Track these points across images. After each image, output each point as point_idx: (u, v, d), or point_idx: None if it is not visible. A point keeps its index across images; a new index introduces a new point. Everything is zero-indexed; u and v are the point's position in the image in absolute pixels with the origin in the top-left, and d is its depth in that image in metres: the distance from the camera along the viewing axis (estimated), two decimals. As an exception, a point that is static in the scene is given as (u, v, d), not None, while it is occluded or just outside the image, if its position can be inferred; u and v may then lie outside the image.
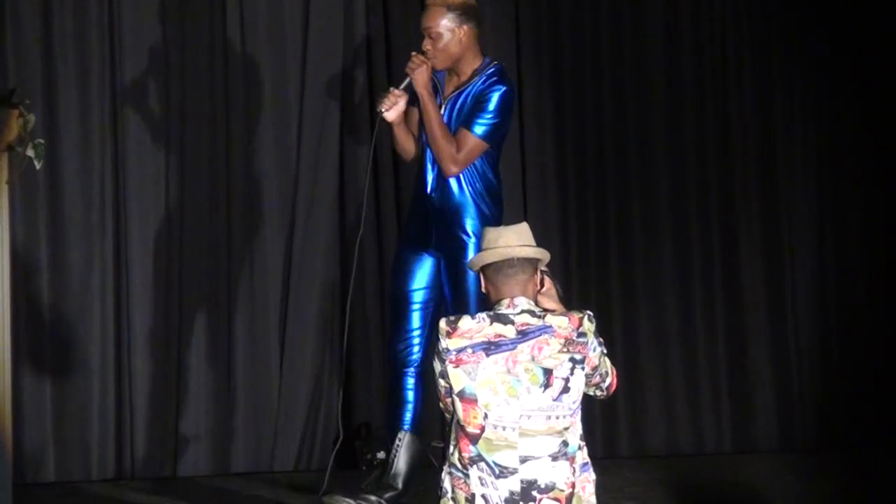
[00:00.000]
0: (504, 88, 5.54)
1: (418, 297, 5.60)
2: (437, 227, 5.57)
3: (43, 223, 6.73)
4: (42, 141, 5.09)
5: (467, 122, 5.51)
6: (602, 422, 7.20)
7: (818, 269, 7.56)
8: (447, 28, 5.49)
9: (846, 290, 7.57)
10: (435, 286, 5.62)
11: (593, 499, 4.13)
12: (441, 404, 4.17)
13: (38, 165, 5.09)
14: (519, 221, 4.31)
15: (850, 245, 7.60)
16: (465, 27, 5.51)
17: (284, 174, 6.93)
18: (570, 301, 6.80)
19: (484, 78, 5.55)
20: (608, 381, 4.21)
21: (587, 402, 6.81)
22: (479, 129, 5.50)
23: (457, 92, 5.57)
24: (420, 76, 5.49)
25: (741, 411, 7.40)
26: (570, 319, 4.06)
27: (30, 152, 5.03)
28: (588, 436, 6.85)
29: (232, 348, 6.89)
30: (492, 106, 5.51)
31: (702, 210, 7.42)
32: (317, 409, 6.89)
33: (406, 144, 5.71)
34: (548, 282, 4.25)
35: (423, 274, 5.63)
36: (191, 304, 6.86)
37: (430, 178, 5.59)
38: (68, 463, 6.68)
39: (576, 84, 7.34)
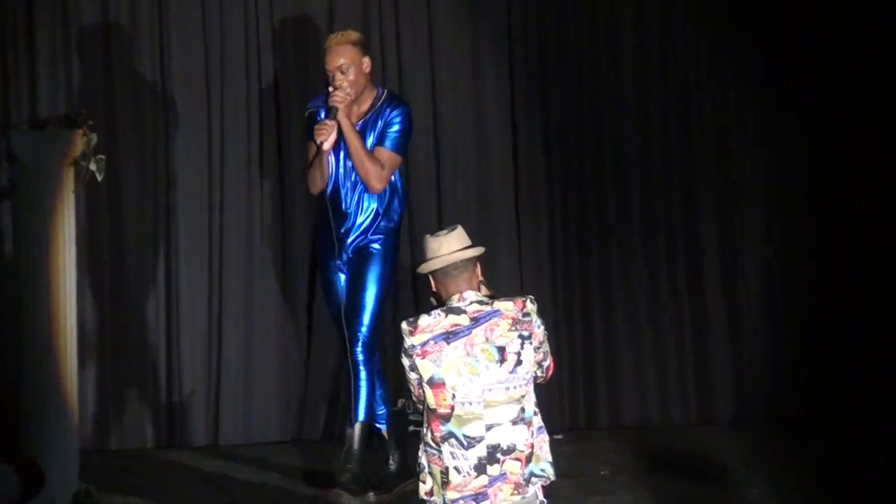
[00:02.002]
0: (407, 108, 5.95)
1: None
2: (350, 242, 5.85)
3: (105, 226, 7.09)
4: (103, 156, 5.47)
5: (384, 142, 5.81)
6: (583, 397, 7.43)
7: (766, 261, 7.64)
8: (354, 62, 5.77)
9: (795, 284, 7.62)
10: None
11: (549, 456, 4.33)
12: (414, 397, 4.38)
13: (99, 178, 5.48)
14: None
15: (796, 234, 7.64)
16: (365, 59, 5.85)
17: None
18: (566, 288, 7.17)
19: (387, 102, 5.87)
20: (548, 361, 4.39)
21: (569, 383, 7.15)
22: (397, 146, 5.85)
23: (363, 120, 5.84)
24: (345, 108, 5.74)
25: (703, 388, 7.54)
26: (514, 303, 4.29)
27: (92, 166, 5.42)
28: (570, 410, 7.35)
29: (267, 333, 7.21)
30: (402, 125, 5.86)
31: (665, 213, 7.58)
32: (339, 386, 7.04)
33: (325, 172, 5.83)
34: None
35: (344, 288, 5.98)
36: (228, 293, 7.17)
37: (348, 199, 5.82)
38: (126, 432, 7.06)
39: (563, 99, 7.49)
